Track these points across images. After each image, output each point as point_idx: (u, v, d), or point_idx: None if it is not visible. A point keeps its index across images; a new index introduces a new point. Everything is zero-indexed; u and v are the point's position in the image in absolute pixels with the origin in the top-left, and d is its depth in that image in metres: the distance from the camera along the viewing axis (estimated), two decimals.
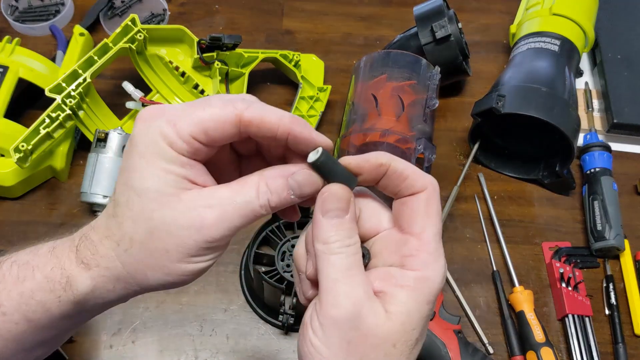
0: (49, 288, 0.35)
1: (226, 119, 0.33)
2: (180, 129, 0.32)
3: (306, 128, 0.34)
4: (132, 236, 0.34)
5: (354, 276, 0.34)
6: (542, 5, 0.92)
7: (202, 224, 0.33)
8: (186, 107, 0.34)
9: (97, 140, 0.74)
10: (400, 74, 0.81)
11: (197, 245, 0.33)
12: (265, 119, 0.33)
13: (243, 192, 0.34)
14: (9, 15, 0.94)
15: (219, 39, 0.79)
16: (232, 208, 0.33)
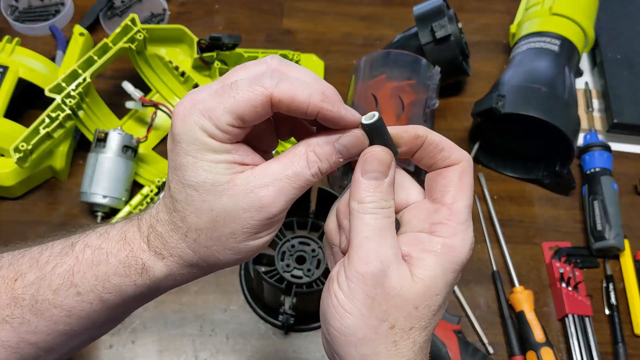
0: (125, 273, 0.37)
1: (257, 101, 0.33)
2: (217, 121, 0.33)
3: (335, 106, 0.34)
4: (197, 227, 0.35)
5: (385, 237, 0.35)
6: (542, 5, 0.92)
7: (262, 203, 0.34)
8: (215, 95, 0.33)
9: (97, 140, 0.74)
10: (400, 73, 0.81)
11: (260, 224, 0.35)
12: (295, 98, 0.33)
13: (294, 165, 0.35)
14: (9, 15, 0.94)
15: (219, 38, 0.79)
16: (286, 182, 0.34)
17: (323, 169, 0.35)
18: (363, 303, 0.34)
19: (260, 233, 0.35)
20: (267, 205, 0.34)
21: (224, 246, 0.35)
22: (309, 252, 0.73)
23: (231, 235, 0.35)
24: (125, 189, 0.76)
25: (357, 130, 0.36)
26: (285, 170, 0.34)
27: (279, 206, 0.34)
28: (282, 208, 0.35)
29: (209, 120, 0.33)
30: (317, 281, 0.71)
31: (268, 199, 0.34)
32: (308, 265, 0.72)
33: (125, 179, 0.75)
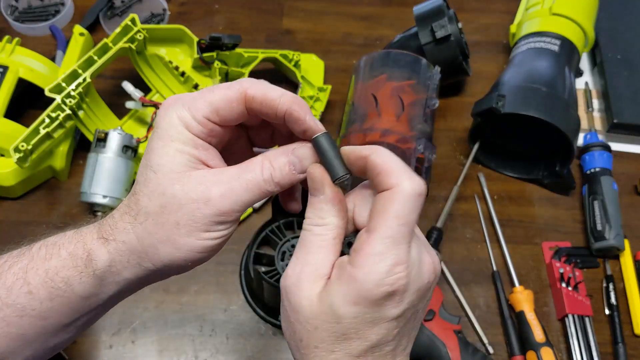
0: (73, 264, 0.37)
1: (233, 96, 0.35)
2: (194, 112, 0.35)
3: (303, 110, 0.36)
4: (147, 210, 0.36)
5: (308, 254, 0.36)
6: (542, 5, 0.92)
7: (210, 196, 0.35)
8: (200, 92, 0.36)
9: (97, 140, 0.74)
10: (400, 74, 0.81)
11: (205, 219, 0.35)
12: (267, 94, 0.35)
13: (249, 170, 0.36)
14: (9, 15, 0.94)
15: (219, 38, 0.79)
16: (238, 183, 0.36)
17: (276, 178, 0.36)
18: (282, 312, 0.37)
19: (204, 232, 0.36)
20: (215, 199, 0.35)
21: (167, 236, 0.36)
22: None
23: (175, 225, 0.36)
24: (125, 189, 0.76)
25: (308, 143, 0.37)
26: (241, 173, 0.36)
27: (227, 204, 0.35)
28: (230, 207, 0.36)
29: (188, 111, 0.36)
30: None
31: (217, 194, 0.35)
32: None
33: (125, 179, 0.75)
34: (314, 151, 0.37)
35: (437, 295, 0.72)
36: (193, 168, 0.36)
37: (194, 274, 0.75)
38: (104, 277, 0.38)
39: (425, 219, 0.83)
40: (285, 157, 0.37)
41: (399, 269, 0.33)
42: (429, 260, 0.36)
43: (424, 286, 0.35)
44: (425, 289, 0.35)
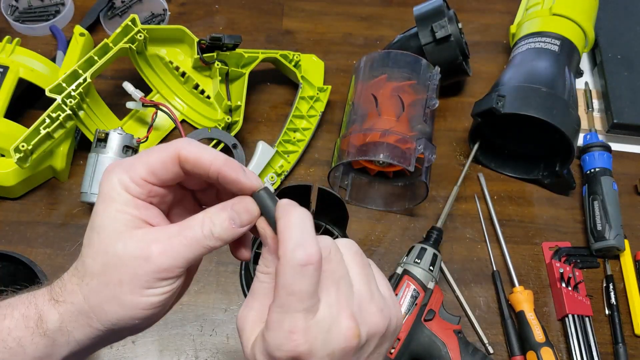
0: (25, 325, 0.38)
1: (167, 157, 0.37)
2: (132, 174, 0.37)
3: (235, 171, 0.37)
4: (92, 271, 0.37)
5: (254, 300, 0.38)
6: (542, 6, 0.92)
7: (149, 254, 0.36)
8: (138, 155, 0.38)
9: (97, 140, 0.74)
10: (400, 74, 0.81)
11: (146, 275, 0.36)
12: (200, 158, 0.36)
13: (189, 226, 0.37)
14: (9, 15, 0.94)
15: (219, 39, 0.79)
16: (178, 240, 0.36)
17: (216, 233, 0.37)
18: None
19: (148, 289, 0.36)
20: (155, 257, 0.36)
21: (111, 295, 0.37)
22: None
23: (118, 283, 0.36)
24: None
25: (248, 197, 0.38)
26: (181, 230, 0.37)
27: (167, 261, 0.36)
28: (171, 264, 0.36)
29: (126, 174, 0.37)
30: None
31: (157, 251, 0.36)
32: None
33: None
34: (253, 205, 0.38)
35: (437, 295, 0.72)
36: (135, 227, 0.37)
37: None
38: (55, 338, 0.38)
39: (425, 219, 0.83)
40: (225, 213, 0.37)
41: (295, 336, 0.34)
42: (346, 325, 0.36)
43: (338, 351, 0.35)
44: (341, 353, 0.36)
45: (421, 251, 0.74)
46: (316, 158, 0.86)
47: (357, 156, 0.77)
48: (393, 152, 0.75)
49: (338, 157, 0.79)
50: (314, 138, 0.87)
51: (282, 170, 0.83)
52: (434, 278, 0.73)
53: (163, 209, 0.40)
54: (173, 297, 0.39)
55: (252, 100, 0.90)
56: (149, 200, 0.38)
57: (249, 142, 0.86)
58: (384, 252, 0.80)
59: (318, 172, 0.85)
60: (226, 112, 0.81)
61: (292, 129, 0.85)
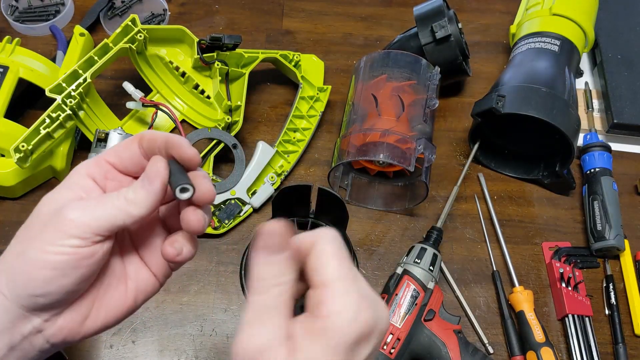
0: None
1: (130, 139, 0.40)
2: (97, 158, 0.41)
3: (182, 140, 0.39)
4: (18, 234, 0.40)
5: (269, 319, 0.33)
6: (542, 6, 0.92)
7: (63, 209, 0.37)
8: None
9: (98, 141, 0.74)
10: (400, 74, 0.81)
11: (55, 229, 0.36)
12: (154, 133, 0.39)
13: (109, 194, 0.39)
14: (9, 15, 0.94)
15: (219, 39, 0.79)
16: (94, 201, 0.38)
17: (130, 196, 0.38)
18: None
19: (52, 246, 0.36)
20: (67, 211, 0.37)
21: (22, 250, 0.37)
22: None
23: (29, 239, 0.37)
24: None
25: (159, 158, 0.39)
26: (100, 196, 0.38)
27: (79, 216, 0.36)
28: (83, 220, 0.36)
29: (93, 159, 0.41)
30: None
31: (69, 205, 0.37)
32: None
33: None
34: (163, 165, 0.39)
35: (437, 295, 0.72)
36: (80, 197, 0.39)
37: (194, 274, 0.76)
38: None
39: (425, 219, 0.83)
40: (139, 180, 0.39)
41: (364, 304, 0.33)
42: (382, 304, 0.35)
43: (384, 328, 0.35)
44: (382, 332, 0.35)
45: (421, 251, 0.74)
46: (316, 158, 0.86)
47: (357, 156, 0.77)
48: (393, 152, 0.75)
49: (338, 157, 0.79)
50: (314, 138, 0.87)
51: (282, 170, 0.83)
52: (434, 278, 0.73)
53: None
54: (79, 270, 0.37)
55: (252, 100, 0.90)
56: (104, 183, 0.40)
57: (249, 142, 0.86)
58: (384, 252, 0.80)
59: (318, 172, 0.85)
60: (226, 112, 0.81)
61: (292, 129, 0.85)
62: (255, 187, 0.81)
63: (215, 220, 0.78)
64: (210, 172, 0.79)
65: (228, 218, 0.78)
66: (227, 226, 0.78)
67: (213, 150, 0.79)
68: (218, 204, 0.78)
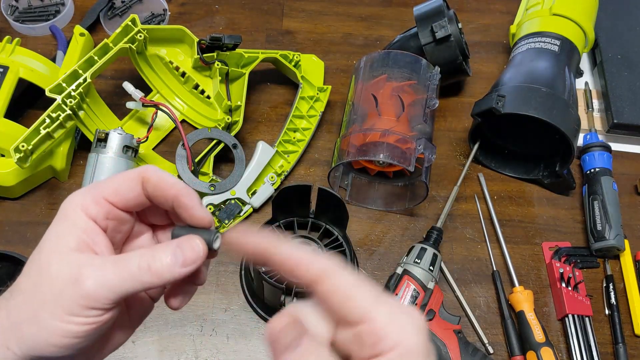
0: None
1: (132, 176, 0.37)
2: (95, 193, 0.36)
3: (192, 199, 0.36)
4: (21, 287, 0.36)
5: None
6: (542, 6, 0.92)
7: (79, 277, 0.34)
8: (105, 178, 0.38)
9: (98, 140, 0.74)
10: (400, 74, 0.81)
11: (72, 300, 0.34)
12: (162, 178, 0.36)
13: (127, 257, 0.35)
14: (9, 15, 0.94)
15: (219, 39, 0.79)
16: (112, 269, 0.34)
17: (154, 268, 0.35)
18: None
19: (72, 316, 0.34)
20: (84, 282, 0.34)
21: (32, 314, 0.34)
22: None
23: (42, 303, 0.34)
24: None
25: (196, 236, 0.36)
26: (118, 260, 0.35)
27: (96, 289, 0.34)
28: (99, 293, 0.34)
29: (89, 193, 0.36)
30: None
31: (87, 275, 0.34)
32: None
33: None
34: (201, 244, 0.36)
35: (437, 295, 0.72)
36: (76, 250, 0.35)
37: None
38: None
39: (425, 218, 0.83)
40: (168, 248, 0.35)
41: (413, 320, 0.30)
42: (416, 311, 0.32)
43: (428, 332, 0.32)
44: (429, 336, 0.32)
45: (421, 251, 0.74)
46: (316, 158, 0.86)
47: (357, 156, 0.77)
48: (393, 152, 0.75)
49: (338, 157, 0.79)
50: (314, 138, 0.87)
51: (282, 170, 0.83)
52: (434, 278, 0.73)
53: (117, 241, 0.39)
54: (98, 332, 0.35)
55: (252, 100, 0.90)
56: (105, 223, 0.37)
57: (249, 142, 0.86)
58: (384, 252, 0.80)
59: (318, 172, 0.85)
60: (226, 112, 0.81)
61: (292, 129, 0.85)
62: (255, 187, 0.81)
63: (216, 220, 0.78)
64: (210, 172, 0.79)
65: (228, 218, 0.78)
66: (227, 226, 0.78)
67: (213, 150, 0.79)
68: (218, 204, 0.78)
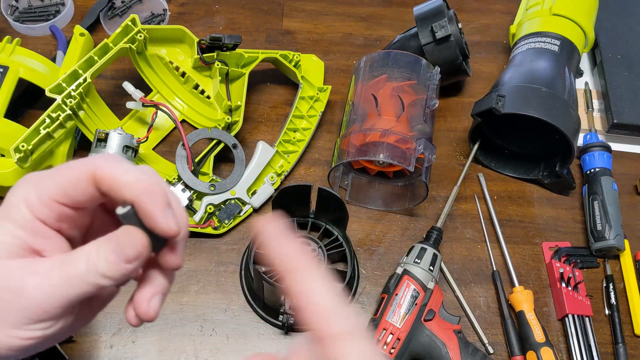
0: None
1: (81, 175, 0.31)
2: (41, 193, 0.31)
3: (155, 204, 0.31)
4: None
5: None
6: (542, 6, 0.92)
7: (23, 287, 0.30)
8: (51, 171, 0.32)
9: (98, 140, 0.74)
10: (400, 74, 0.81)
11: (17, 313, 0.30)
12: (118, 178, 0.31)
13: (73, 258, 0.31)
14: (9, 15, 0.94)
15: (219, 39, 0.79)
16: (58, 274, 0.30)
17: (100, 269, 0.30)
18: None
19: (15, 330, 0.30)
20: (29, 292, 0.30)
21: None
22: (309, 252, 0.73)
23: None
24: None
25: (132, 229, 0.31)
26: (64, 263, 0.31)
27: (44, 299, 0.30)
28: (47, 303, 0.30)
29: (34, 191, 0.31)
30: None
31: (31, 285, 0.30)
32: None
33: None
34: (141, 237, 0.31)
35: (437, 295, 0.72)
36: (19, 256, 0.31)
37: (194, 274, 0.76)
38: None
39: (425, 219, 0.83)
40: (110, 244, 0.31)
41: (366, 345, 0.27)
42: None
43: None
44: None
45: (421, 251, 0.74)
46: (316, 158, 0.86)
47: (357, 156, 0.77)
48: (393, 152, 0.75)
49: (338, 157, 0.79)
50: (314, 138, 0.87)
51: (282, 170, 0.83)
52: (434, 278, 0.73)
53: (76, 235, 0.34)
54: (51, 341, 0.32)
55: (252, 100, 0.90)
56: (57, 225, 0.32)
57: (249, 142, 0.86)
58: (384, 252, 0.80)
59: (318, 172, 0.85)
60: (226, 112, 0.81)
61: (292, 129, 0.85)
62: (255, 187, 0.81)
63: (215, 220, 0.78)
64: (210, 172, 0.79)
65: (228, 218, 0.78)
66: (227, 226, 0.78)
67: (213, 150, 0.79)
68: (218, 204, 0.78)
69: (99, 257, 0.31)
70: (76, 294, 0.31)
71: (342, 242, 0.76)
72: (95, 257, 0.31)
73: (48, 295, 0.30)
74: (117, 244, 0.31)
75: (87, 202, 0.32)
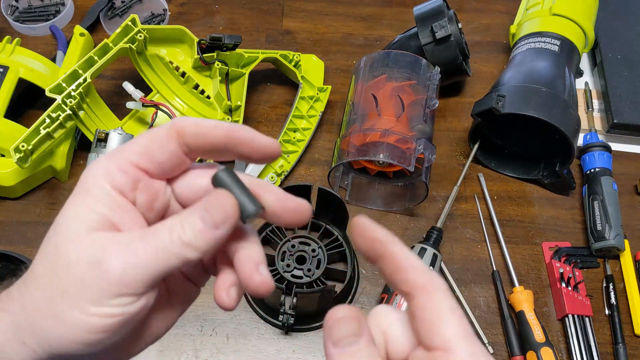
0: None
1: (162, 132, 0.31)
2: (120, 159, 0.31)
3: (250, 130, 0.31)
4: (36, 275, 0.30)
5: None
6: (542, 6, 0.92)
7: (103, 259, 0.29)
8: (130, 140, 0.32)
9: (98, 140, 0.74)
10: (400, 74, 0.81)
11: (97, 287, 0.29)
12: (200, 125, 0.31)
13: (155, 230, 0.30)
14: (9, 15, 0.94)
15: (219, 39, 0.79)
16: (142, 245, 0.29)
17: (186, 238, 0.29)
18: None
19: (94, 306, 0.29)
20: (110, 263, 0.29)
21: (50, 307, 0.29)
22: (309, 252, 0.73)
23: (61, 292, 0.29)
24: None
25: (222, 190, 0.30)
26: (145, 235, 0.30)
27: (126, 270, 0.29)
28: (129, 275, 0.29)
29: (112, 160, 0.31)
30: (317, 281, 0.71)
31: (113, 256, 0.29)
32: (308, 265, 0.72)
33: None
34: (229, 199, 0.30)
35: None
36: (96, 229, 0.30)
37: None
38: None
39: (425, 219, 0.83)
40: (196, 213, 0.30)
41: None
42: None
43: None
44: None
45: (421, 251, 0.74)
46: (316, 158, 0.86)
47: (357, 156, 0.77)
48: (393, 152, 0.75)
49: (338, 157, 0.79)
50: (314, 138, 0.87)
51: (282, 170, 0.83)
52: None
53: (150, 218, 0.33)
54: (131, 324, 0.30)
55: (252, 100, 0.90)
56: (133, 195, 0.31)
57: None
58: None
59: (318, 172, 0.85)
60: (226, 112, 0.81)
61: (292, 129, 0.85)
62: None
63: None
64: None
65: None
66: None
67: None
68: None
69: (184, 226, 0.30)
70: (159, 267, 0.29)
71: (342, 242, 0.76)
72: (180, 227, 0.30)
73: (131, 267, 0.29)
74: (203, 209, 0.30)
75: (169, 162, 0.31)
